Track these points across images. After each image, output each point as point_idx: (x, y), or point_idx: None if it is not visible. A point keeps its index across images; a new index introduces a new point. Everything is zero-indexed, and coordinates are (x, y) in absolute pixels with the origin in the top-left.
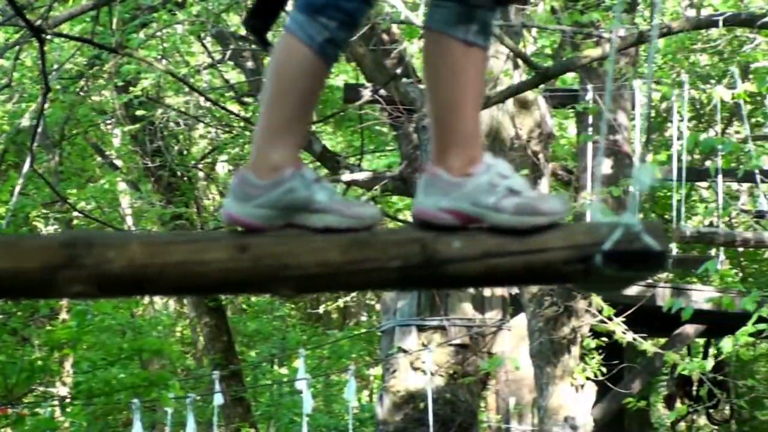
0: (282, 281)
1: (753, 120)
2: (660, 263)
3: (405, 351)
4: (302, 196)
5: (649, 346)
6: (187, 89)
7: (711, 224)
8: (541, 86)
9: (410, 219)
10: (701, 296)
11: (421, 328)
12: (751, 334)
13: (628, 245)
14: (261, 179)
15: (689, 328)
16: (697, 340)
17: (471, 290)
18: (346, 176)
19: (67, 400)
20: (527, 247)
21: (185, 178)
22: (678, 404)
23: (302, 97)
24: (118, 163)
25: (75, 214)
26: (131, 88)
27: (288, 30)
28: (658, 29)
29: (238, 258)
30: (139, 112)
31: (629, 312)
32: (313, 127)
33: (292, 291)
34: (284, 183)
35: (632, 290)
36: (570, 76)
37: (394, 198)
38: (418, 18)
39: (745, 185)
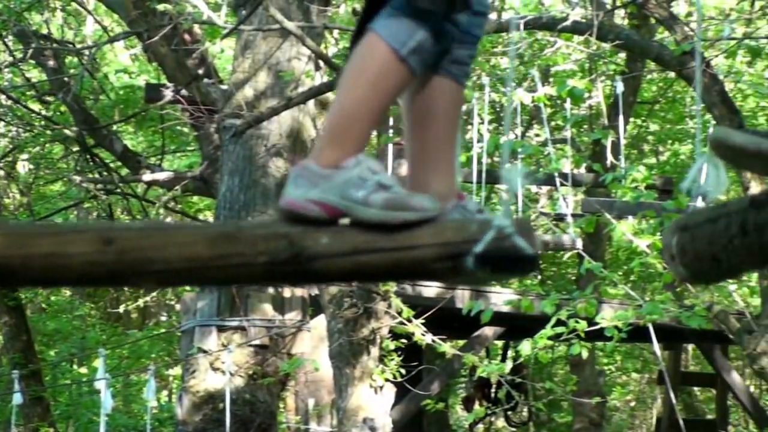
0: (147, 275)
1: (553, 123)
2: (531, 265)
3: (205, 351)
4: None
5: (448, 348)
6: None
7: None
8: None
9: (211, 219)
10: (500, 299)
11: (221, 329)
12: (549, 337)
13: (499, 247)
14: None
15: (488, 331)
16: (496, 342)
17: (271, 291)
18: (147, 176)
19: None
20: (396, 243)
21: None
22: (476, 406)
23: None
24: None
25: None
26: None
27: None
28: None
29: (103, 251)
30: None
31: (429, 314)
32: (114, 127)
33: (156, 285)
34: None
35: (431, 292)
36: None
37: (195, 198)
38: (220, 18)
39: (545, 188)
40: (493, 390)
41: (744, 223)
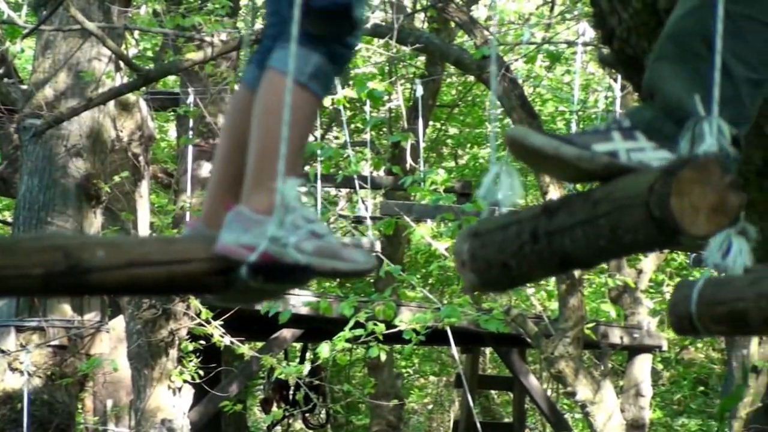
0: None
1: (352, 126)
2: (305, 276)
3: (3, 351)
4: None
5: (246, 349)
6: None
7: None
8: (143, 89)
9: (10, 219)
10: (299, 300)
11: (19, 329)
12: (348, 340)
13: (273, 257)
14: None
15: (287, 333)
16: (295, 344)
17: None
18: None
19: None
20: (170, 257)
21: None
22: (274, 408)
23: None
24: None
25: None
26: None
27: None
28: (260, 34)
29: None
30: None
31: (227, 315)
32: None
33: None
34: None
35: None
36: (171, 79)
37: None
38: (20, 18)
39: (344, 190)
40: (291, 392)
41: (535, 230)
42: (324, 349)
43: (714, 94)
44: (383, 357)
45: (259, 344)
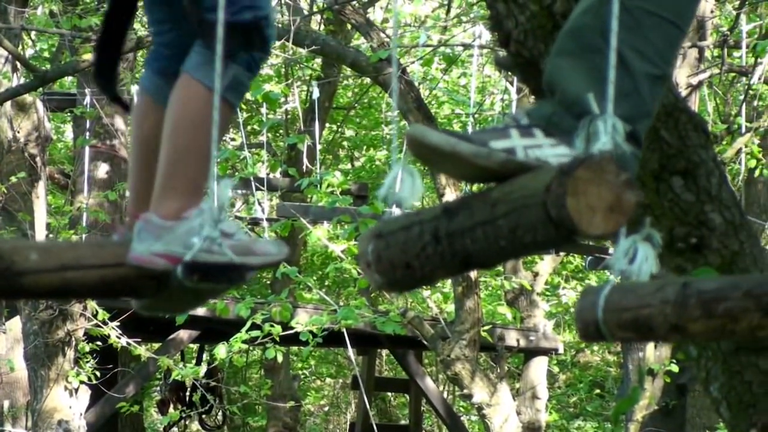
0: None
1: (249, 127)
2: (241, 275)
3: None
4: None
5: (143, 350)
6: None
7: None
8: (40, 89)
9: None
10: None
11: None
12: (244, 341)
13: (208, 257)
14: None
15: (183, 334)
16: (191, 345)
17: None
18: None
19: None
20: (102, 261)
21: None
22: (171, 409)
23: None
24: None
25: None
26: None
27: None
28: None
29: None
30: None
31: (124, 316)
32: None
33: None
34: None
35: None
36: (68, 80)
37: None
38: None
39: (241, 192)
40: (188, 393)
41: (436, 232)
42: (221, 351)
43: (609, 92)
44: (280, 358)
45: (156, 345)
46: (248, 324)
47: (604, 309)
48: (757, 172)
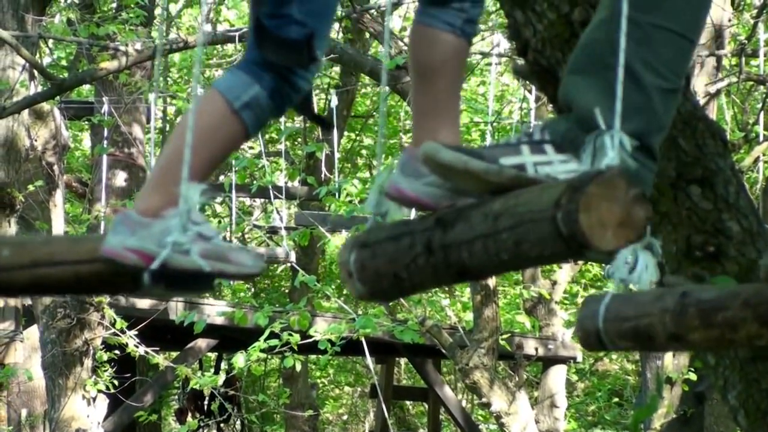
0: None
1: (267, 136)
2: (208, 283)
3: None
4: None
5: (161, 359)
6: None
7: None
8: (57, 98)
9: None
10: (214, 310)
11: None
12: (262, 350)
13: (177, 263)
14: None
15: (201, 342)
16: (209, 354)
17: None
18: None
19: None
20: (76, 257)
21: None
22: (189, 418)
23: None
24: None
25: None
26: None
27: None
28: (174, 44)
29: None
30: None
31: (142, 325)
32: None
33: None
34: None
35: (145, 303)
36: (86, 89)
37: None
38: None
39: (259, 201)
40: (206, 402)
41: (429, 243)
42: (239, 359)
43: (616, 108)
44: (298, 367)
45: (174, 354)
46: (266, 333)
47: (604, 318)
48: None
